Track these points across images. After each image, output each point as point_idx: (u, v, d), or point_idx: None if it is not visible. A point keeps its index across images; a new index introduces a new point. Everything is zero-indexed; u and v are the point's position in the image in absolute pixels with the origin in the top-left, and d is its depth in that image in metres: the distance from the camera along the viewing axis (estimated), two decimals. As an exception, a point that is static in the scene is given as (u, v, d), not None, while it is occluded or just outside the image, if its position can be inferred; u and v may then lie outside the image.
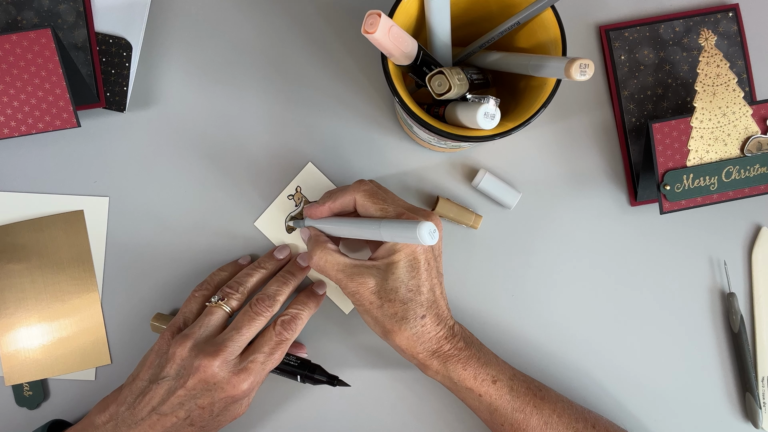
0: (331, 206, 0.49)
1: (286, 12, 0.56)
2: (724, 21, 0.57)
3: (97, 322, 0.54)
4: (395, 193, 0.51)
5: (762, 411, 0.55)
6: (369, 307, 0.46)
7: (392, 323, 0.46)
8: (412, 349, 0.47)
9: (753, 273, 0.57)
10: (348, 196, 0.48)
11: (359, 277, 0.46)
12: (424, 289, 0.46)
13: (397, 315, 0.46)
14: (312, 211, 0.50)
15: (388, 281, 0.46)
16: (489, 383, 0.47)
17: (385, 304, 0.46)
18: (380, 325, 0.47)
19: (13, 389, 0.53)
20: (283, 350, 0.48)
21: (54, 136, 0.55)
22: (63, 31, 0.53)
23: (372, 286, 0.46)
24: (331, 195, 0.49)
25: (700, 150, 0.52)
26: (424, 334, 0.46)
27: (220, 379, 0.45)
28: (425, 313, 0.46)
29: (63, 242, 0.54)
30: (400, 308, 0.46)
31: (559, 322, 0.56)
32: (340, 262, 0.47)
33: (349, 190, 0.48)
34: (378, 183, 0.50)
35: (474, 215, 0.55)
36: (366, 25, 0.40)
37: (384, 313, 0.46)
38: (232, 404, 0.47)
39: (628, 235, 0.57)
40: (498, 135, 0.44)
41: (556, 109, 0.57)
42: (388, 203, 0.47)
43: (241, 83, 0.56)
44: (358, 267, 0.46)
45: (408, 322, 0.46)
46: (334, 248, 0.48)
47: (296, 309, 0.50)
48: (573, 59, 0.39)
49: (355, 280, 0.46)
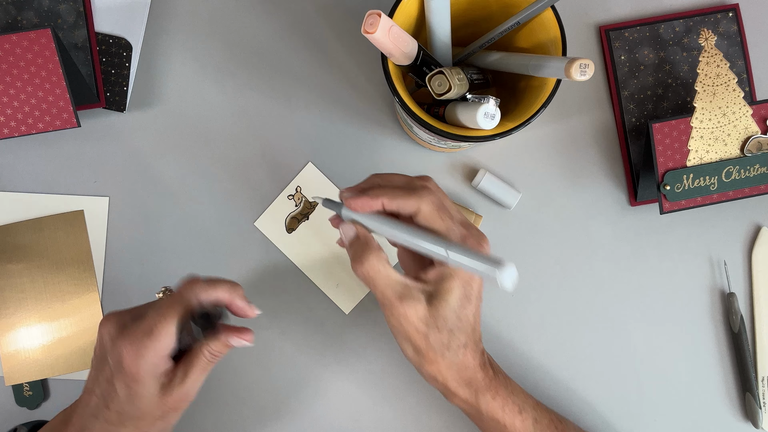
0: (387, 204, 0.41)
1: (286, 12, 0.56)
2: (724, 21, 0.57)
3: (96, 322, 0.54)
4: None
5: (762, 411, 0.55)
6: (413, 335, 0.42)
7: (434, 353, 0.42)
8: (447, 380, 0.43)
9: (753, 273, 0.57)
10: (412, 201, 0.41)
11: (410, 300, 0.41)
12: (471, 317, 0.42)
13: (442, 344, 0.42)
14: (358, 202, 0.42)
15: (438, 309, 0.41)
16: (515, 413, 0.45)
17: (432, 332, 0.41)
18: (421, 353, 0.42)
19: (13, 389, 0.53)
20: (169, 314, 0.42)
21: (54, 136, 0.55)
22: (63, 31, 0.53)
23: (421, 312, 0.41)
24: (386, 191, 0.42)
25: (700, 150, 0.52)
26: (462, 364, 0.43)
27: (108, 335, 0.41)
28: (467, 341, 0.42)
29: (63, 242, 0.54)
30: (446, 337, 0.42)
31: (559, 321, 0.56)
32: (392, 277, 0.41)
33: (414, 195, 0.41)
34: (444, 194, 0.44)
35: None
36: (366, 25, 0.40)
37: (428, 344, 0.42)
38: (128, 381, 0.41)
39: (628, 235, 0.57)
40: (498, 135, 0.44)
41: (556, 109, 0.57)
42: (454, 221, 0.41)
43: (241, 83, 0.56)
44: (409, 288, 0.41)
45: (450, 351, 0.42)
46: (386, 257, 0.42)
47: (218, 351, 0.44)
48: (573, 59, 0.39)
49: (405, 303, 0.41)
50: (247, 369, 0.54)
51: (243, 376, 0.54)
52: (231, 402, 0.54)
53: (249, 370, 0.54)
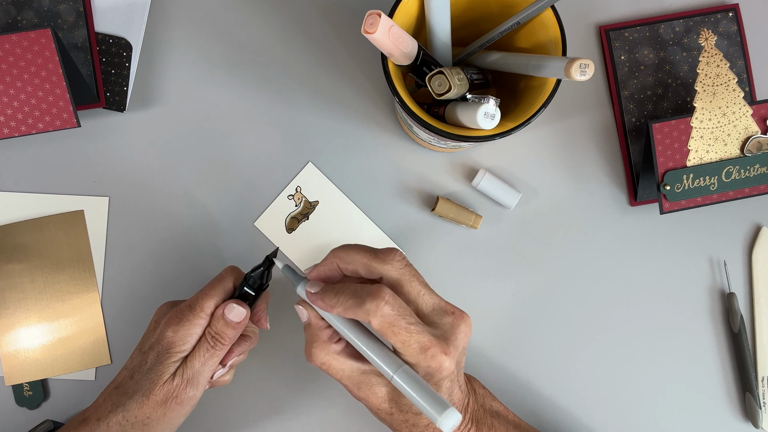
0: (340, 313, 0.40)
1: (287, 12, 0.56)
2: (724, 21, 0.57)
3: (97, 322, 0.54)
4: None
5: (762, 411, 0.55)
6: (377, 413, 0.42)
7: (400, 426, 0.42)
8: None
9: (753, 273, 0.57)
10: (362, 313, 0.38)
11: (367, 387, 0.40)
12: (445, 394, 0.41)
13: (408, 422, 0.41)
14: (317, 302, 0.41)
15: (400, 395, 0.40)
16: None
17: (396, 413, 0.41)
18: (387, 424, 0.42)
19: (13, 389, 0.53)
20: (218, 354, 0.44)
21: (54, 136, 0.55)
22: (63, 31, 0.53)
23: (383, 396, 0.40)
24: (340, 299, 0.39)
25: (700, 150, 0.52)
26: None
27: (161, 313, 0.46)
28: None
29: (63, 242, 0.54)
30: (411, 417, 0.41)
31: (558, 321, 0.56)
32: (347, 369, 0.41)
33: (364, 305, 0.38)
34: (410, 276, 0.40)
35: (474, 215, 0.55)
36: (366, 25, 0.40)
37: (394, 420, 0.41)
38: (162, 355, 0.43)
39: (628, 235, 0.57)
40: (498, 135, 0.44)
41: (556, 109, 0.57)
42: (410, 332, 0.38)
43: (241, 83, 0.56)
44: (367, 375, 0.40)
45: (418, 427, 0.41)
46: (338, 349, 0.41)
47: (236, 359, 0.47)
48: (573, 59, 0.39)
49: (363, 391, 0.41)
50: (247, 368, 0.54)
51: (243, 376, 0.54)
52: (230, 402, 0.54)
53: (249, 370, 0.54)
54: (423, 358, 0.38)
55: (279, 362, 0.54)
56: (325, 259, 0.42)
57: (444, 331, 0.39)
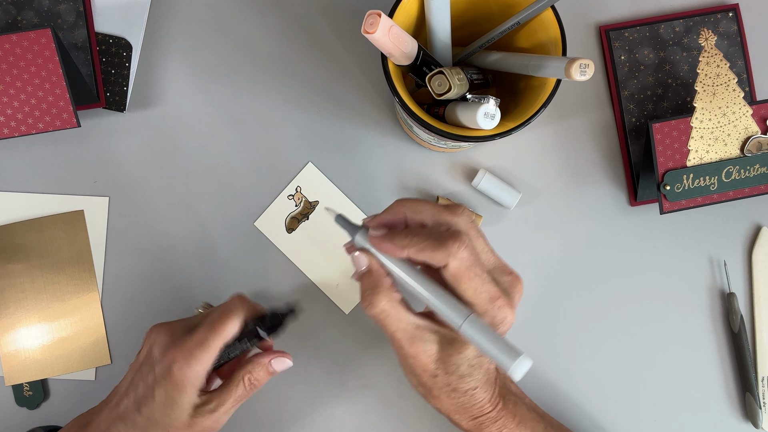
0: (413, 256, 0.38)
1: (286, 12, 0.56)
2: (724, 21, 0.57)
3: (97, 322, 0.54)
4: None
5: (762, 411, 0.55)
6: (420, 373, 0.41)
7: (439, 391, 0.41)
8: (451, 414, 0.43)
9: (753, 273, 0.57)
10: (440, 255, 0.37)
11: (421, 343, 0.40)
12: (486, 364, 0.42)
13: (449, 386, 0.41)
14: (384, 245, 0.39)
15: (452, 355, 0.40)
16: None
17: (441, 374, 0.40)
18: (425, 388, 0.42)
19: (13, 389, 0.53)
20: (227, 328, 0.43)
21: (54, 136, 0.55)
22: (63, 31, 0.53)
23: (432, 354, 0.40)
24: (414, 240, 0.38)
25: (700, 150, 0.52)
26: (470, 404, 0.42)
27: (161, 344, 0.43)
28: (477, 384, 0.41)
29: (63, 242, 0.54)
30: (455, 381, 0.41)
31: (559, 321, 0.56)
32: (403, 320, 0.39)
33: (443, 247, 0.37)
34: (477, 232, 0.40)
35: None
36: (366, 25, 0.40)
37: (435, 383, 0.41)
38: (171, 390, 0.42)
39: (628, 235, 0.57)
40: (498, 135, 0.44)
41: (556, 109, 0.57)
42: (483, 280, 0.38)
43: (240, 83, 0.56)
44: (422, 330, 0.40)
45: (458, 392, 0.41)
46: (399, 297, 0.40)
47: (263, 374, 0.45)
48: (573, 59, 0.39)
49: (416, 346, 0.40)
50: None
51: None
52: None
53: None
54: (491, 307, 0.38)
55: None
56: (390, 208, 0.41)
57: (505, 288, 0.39)
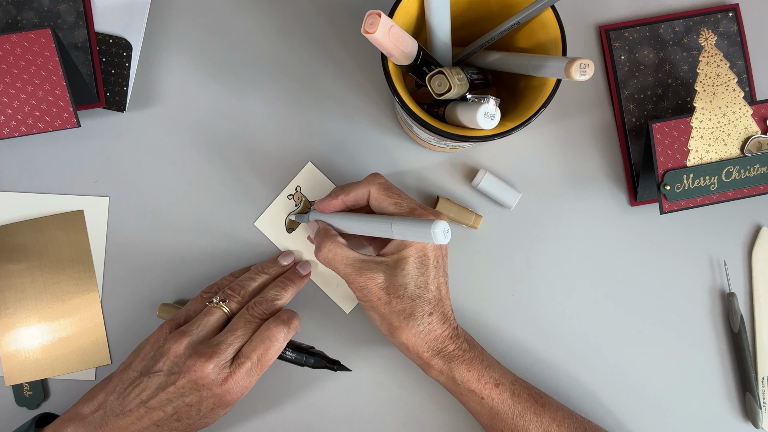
0: (345, 199, 0.49)
1: (286, 12, 0.56)
2: (724, 21, 0.57)
3: (97, 322, 0.54)
4: None
5: (762, 411, 0.55)
6: (376, 303, 0.47)
7: (399, 320, 0.46)
8: (417, 347, 0.47)
9: (753, 273, 0.57)
10: (362, 188, 0.48)
11: (368, 272, 0.46)
12: (432, 286, 0.47)
13: (405, 312, 0.46)
14: (323, 204, 0.50)
15: (396, 277, 0.46)
16: (492, 386, 0.48)
17: (393, 300, 0.46)
18: (387, 321, 0.47)
19: (13, 389, 0.53)
20: (273, 351, 0.47)
21: (54, 136, 0.55)
22: (63, 31, 0.53)
23: (380, 282, 0.46)
24: (344, 188, 0.49)
25: (700, 150, 0.52)
26: (430, 332, 0.47)
27: (210, 381, 0.45)
28: (432, 310, 0.47)
29: (63, 242, 0.54)
30: (408, 305, 0.46)
31: (559, 321, 0.56)
32: (349, 256, 0.47)
33: (363, 183, 0.48)
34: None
35: (474, 215, 0.55)
36: (366, 25, 0.40)
37: (391, 310, 0.46)
38: (219, 406, 0.47)
39: (628, 235, 0.57)
40: (498, 135, 0.44)
41: (556, 109, 0.57)
42: (402, 198, 0.47)
43: (240, 83, 0.56)
44: (366, 262, 0.47)
45: (415, 319, 0.46)
46: (343, 242, 0.48)
47: (274, 293, 0.50)
48: (573, 59, 0.39)
49: (364, 275, 0.46)
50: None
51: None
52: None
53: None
54: (413, 216, 0.46)
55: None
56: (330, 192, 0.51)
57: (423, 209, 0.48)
